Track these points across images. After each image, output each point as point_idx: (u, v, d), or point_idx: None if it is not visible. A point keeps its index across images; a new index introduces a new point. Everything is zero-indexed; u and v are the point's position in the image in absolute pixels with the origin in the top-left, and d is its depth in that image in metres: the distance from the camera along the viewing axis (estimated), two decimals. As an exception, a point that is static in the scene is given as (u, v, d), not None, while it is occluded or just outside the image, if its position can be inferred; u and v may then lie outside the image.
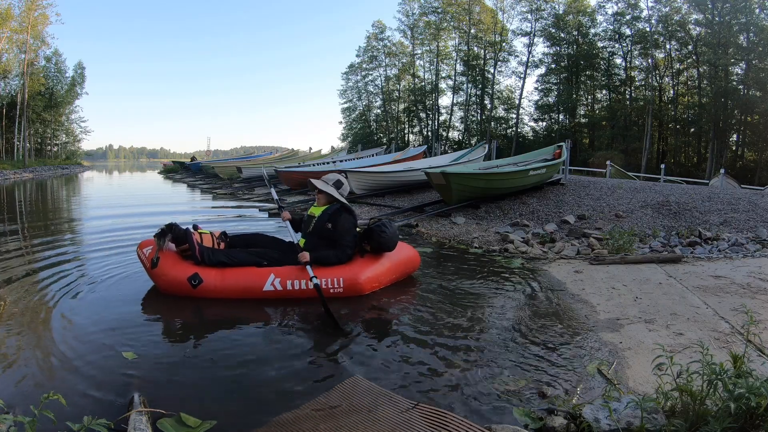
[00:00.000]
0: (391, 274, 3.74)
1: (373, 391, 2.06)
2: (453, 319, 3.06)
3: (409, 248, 4.10)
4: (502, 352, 2.56)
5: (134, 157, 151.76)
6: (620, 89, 30.80)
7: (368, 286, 3.52)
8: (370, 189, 9.90)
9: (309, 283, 3.25)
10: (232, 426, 1.87)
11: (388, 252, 3.73)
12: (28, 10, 28.71)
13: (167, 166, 30.32)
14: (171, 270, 3.33)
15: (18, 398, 1.97)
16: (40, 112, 34.16)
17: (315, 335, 2.84)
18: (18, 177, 22.68)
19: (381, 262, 3.69)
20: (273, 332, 2.93)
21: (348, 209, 3.72)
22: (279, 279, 3.31)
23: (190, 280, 3.29)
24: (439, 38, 35.65)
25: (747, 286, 3.56)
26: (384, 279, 3.67)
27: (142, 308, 3.26)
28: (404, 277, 3.94)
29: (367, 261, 3.65)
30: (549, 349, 2.61)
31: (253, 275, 3.34)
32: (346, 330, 2.86)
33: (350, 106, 40.47)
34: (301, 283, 3.32)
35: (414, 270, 4.08)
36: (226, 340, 2.78)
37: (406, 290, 3.73)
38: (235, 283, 3.32)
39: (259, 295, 3.31)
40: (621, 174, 15.09)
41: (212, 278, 3.31)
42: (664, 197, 7.20)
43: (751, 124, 25.55)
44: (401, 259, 3.86)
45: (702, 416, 1.60)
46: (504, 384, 2.21)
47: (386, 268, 3.70)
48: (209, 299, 3.32)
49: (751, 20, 24.38)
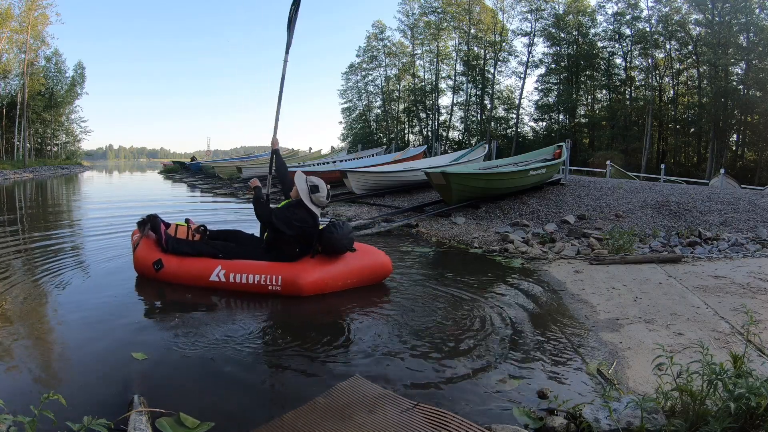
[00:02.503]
0: (344, 278, 3.55)
1: (373, 391, 2.06)
2: (453, 320, 3.06)
3: (378, 254, 3.82)
4: (502, 352, 2.56)
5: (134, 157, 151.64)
6: (620, 89, 30.78)
7: (309, 288, 3.40)
8: (370, 189, 9.90)
9: (250, 277, 3.43)
10: (232, 426, 1.87)
11: (342, 254, 3.56)
12: (28, 10, 28.69)
13: (167, 166, 30.29)
14: (142, 254, 3.74)
15: (18, 398, 1.97)
16: (40, 112, 34.13)
17: (315, 336, 2.84)
18: (18, 177, 22.67)
19: (331, 265, 3.53)
20: (273, 332, 2.93)
21: (304, 208, 3.57)
22: (224, 271, 3.48)
23: (154, 265, 3.66)
24: (439, 38, 35.63)
25: (747, 286, 3.56)
26: (333, 283, 3.49)
27: (143, 308, 3.26)
28: (368, 283, 3.70)
29: (314, 262, 3.52)
30: (549, 349, 2.61)
31: (204, 265, 3.55)
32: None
33: (350, 106, 40.47)
34: (242, 277, 3.46)
35: (383, 277, 3.81)
36: (227, 339, 2.78)
37: (406, 290, 3.73)
38: (188, 271, 3.58)
39: (206, 284, 3.52)
40: (621, 174, 15.08)
41: (171, 265, 3.63)
42: (664, 197, 7.20)
43: (751, 124, 25.54)
44: (362, 265, 3.64)
45: (702, 416, 1.60)
46: (504, 384, 2.21)
47: (337, 272, 3.52)
48: (211, 295, 3.36)
49: (751, 20, 24.37)
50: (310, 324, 3.05)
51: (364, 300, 3.45)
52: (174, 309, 3.23)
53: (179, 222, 3.93)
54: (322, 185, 3.63)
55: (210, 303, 3.33)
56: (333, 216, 7.96)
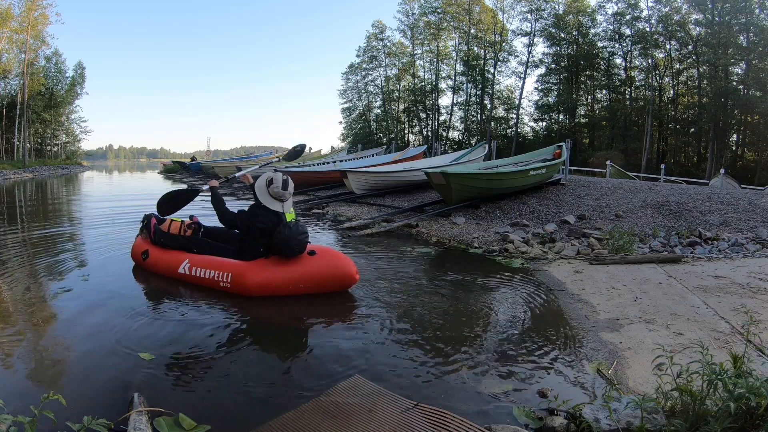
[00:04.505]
0: (295, 282, 3.39)
1: (373, 391, 2.06)
2: (453, 320, 3.06)
3: (341, 260, 3.55)
4: (502, 352, 2.56)
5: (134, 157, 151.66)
6: (620, 89, 30.76)
7: (254, 288, 3.36)
8: (370, 189, 9.90)
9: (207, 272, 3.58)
10: (230, 428, 1.87)
11: (297, 257, 3.44)
12: (28, 10, 28.68)
13: (167, 166, 30.24)
14: (137, 245, 4.19)
15: (18, 398, 1.97)
16: (40, 112, 34.11)
17: (316, 336, 2.84)
18: (18, 177, 22.68)
19: (283, 267, 3.40)
20: (274, 332, 2.93)
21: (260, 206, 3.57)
22: (189, 265, 3.68)
23: (142, 255, 4.06)
24: (439, 38, 35.62)
25: (747, 286, 3.56)
26: (283, 286, 3.38)
27: (143, 307, 3.25)
28: (327, 290, 3.48)
29: (267, 263, 3.45)
30: (549, 349, 2.61)
31: (176, 258, 3.78)
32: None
33: (350, 106, 40.46)
34: (202, 271, 3.61)
35: (345, 285, 3.53)
36: (227, 339, 2.78)
37: (406, 290, 3.73)
38: (164, 261, 3.86)
39: (175, 275, 3.75)
40: (621, 174, 15.07)
41: (154, 255, 3.97)
42: (664, 197, 7.20)
43: (751, 124, 25.53)
44: (318, 270, 3.43)
45: (702, 416, 1.60)
46: (504, 384, 2.21)
47: (288, 275, 3.38)
48: (212, 294, 3.38)
49: (751, 20, 24.35)
50: (311, 324, 3.05)
51: (364, 300, 3.45)
52: (175, 309, 3.23)
53: (174, 218, 4.16)
54: (278, 176, 3.55)
55: (212, 303, 3.33)
56: (333, 216, 7.97)
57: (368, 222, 6.88)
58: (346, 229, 6.41)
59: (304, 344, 2.70)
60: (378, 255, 5.02)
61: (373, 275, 4.13)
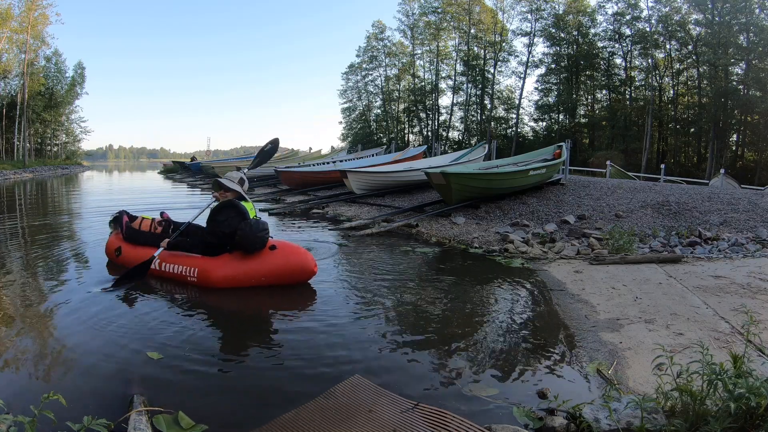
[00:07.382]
0: (257, 275, 3.60)
1: (374, 391, 2.06)
2: (453, 320, 3.07)
3: (300, 254, 3.71)
4: (502, 352, 2.57)
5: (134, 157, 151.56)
6: (620, 89, 30.78)
7: (219, 281, 3.58)
8: (370, 189, 9.89)
9: (175, 267, 3.74)
10: (228, 428, 1.87)
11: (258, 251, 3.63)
12: (28, 10, 28.70)
13: (167, 166, 30.20)
14: (110, 243, 4.36)
15: (18, 398, 1.97)
16: (40, 112, 34.13)
17: (316, 336, 2.84)
18: (18, 177, 22.68)
19: (245, 261, 3.63)
20: (274, 332, 2.93)
21: (233, 205, 3.78)
22: (159, 260, 3.82)
23: (115, 252, 4.23)
24: (439, 38, 35.64)
25: (747, 286, 3.56)
26: (245, 279, 3.59)
27: (142, 307, 3.25)
28: (287, 283, 3.66)
29: (230, 258, 3.68)
30: (549, 349, 2.61)
31: (147, 254, 3.90)
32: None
33: (350, 106, 40.50)
34: (170, 266, 3.77)
35: (304, 278, 3.70)
36: (227, 339, 2.78)
37: (406, 290, 3.73)
38: (135, 257, 3.97)
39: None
40: (621, 174, 15.08)
41: (127, 251, 4.14)
42: (664, 197, 7.20)
43: (751, 124, 25.54)
44: (278, 264, 3.62)
45: (702, 416, 1.60)
46: (504, 384, 2.21)
47: (249, 269, 3.61)
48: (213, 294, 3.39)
49: (751, 20, 24.36)
50: (311, 324, 3.04)
51: (364, 300, 3.45)
52: (174, 308, 3.23)
53: (145, 215, 4.44)
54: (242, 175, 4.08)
55: (210, 303, 3.33)
56: (333, 216, 7.96)
57: (368, 222, 6.88)
58: (346, 229, 6.41)
59: (304, 344, 2.70)
60: (378, 255, 5.02)
61: (373, 275, 4.13)
